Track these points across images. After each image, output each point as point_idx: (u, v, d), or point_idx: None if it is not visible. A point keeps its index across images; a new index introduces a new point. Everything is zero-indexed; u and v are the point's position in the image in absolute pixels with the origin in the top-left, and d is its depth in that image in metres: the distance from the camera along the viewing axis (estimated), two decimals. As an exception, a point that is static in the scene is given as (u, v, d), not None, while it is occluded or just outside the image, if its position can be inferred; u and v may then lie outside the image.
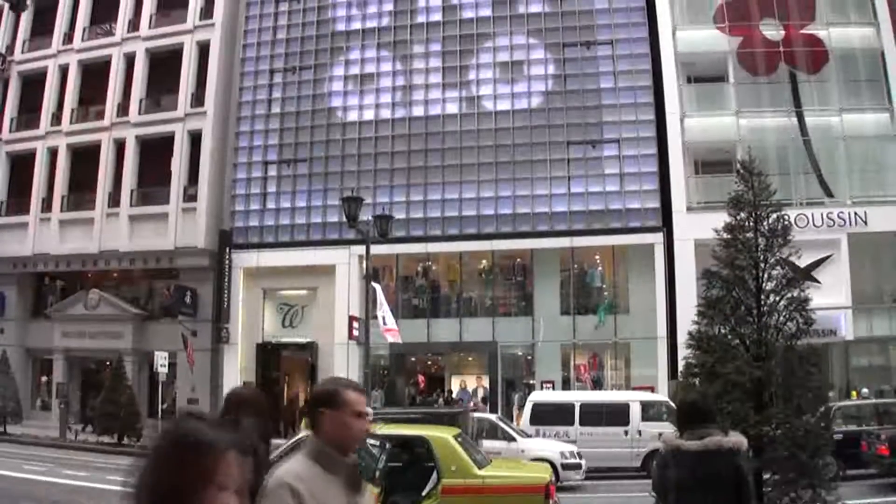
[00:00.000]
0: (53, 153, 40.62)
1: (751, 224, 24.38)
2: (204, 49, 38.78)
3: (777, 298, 23.43)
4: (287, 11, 38.93)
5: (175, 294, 36.82)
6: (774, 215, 24.11)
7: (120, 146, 39.27)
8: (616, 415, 24.82)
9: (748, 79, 33.95)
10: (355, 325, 33.48)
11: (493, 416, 25.30)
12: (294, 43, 38.48)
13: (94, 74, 40.72)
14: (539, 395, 28.11)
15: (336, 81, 37.52)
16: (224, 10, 39.07)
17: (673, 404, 22.50)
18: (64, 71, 41.36)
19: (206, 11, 39.25)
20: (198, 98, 38.42)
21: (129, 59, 40.02)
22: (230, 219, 37.42)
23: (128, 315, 38.09)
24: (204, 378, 35.75)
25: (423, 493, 11.82)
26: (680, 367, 25.89)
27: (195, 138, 38.01)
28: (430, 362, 37.10)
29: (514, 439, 22.78)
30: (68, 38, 41.77)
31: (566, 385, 32.91)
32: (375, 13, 37.81)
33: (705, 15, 34.79)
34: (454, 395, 33.65)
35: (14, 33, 43.06)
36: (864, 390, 28.25)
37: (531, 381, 33.80)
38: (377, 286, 30.16)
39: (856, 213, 31.40)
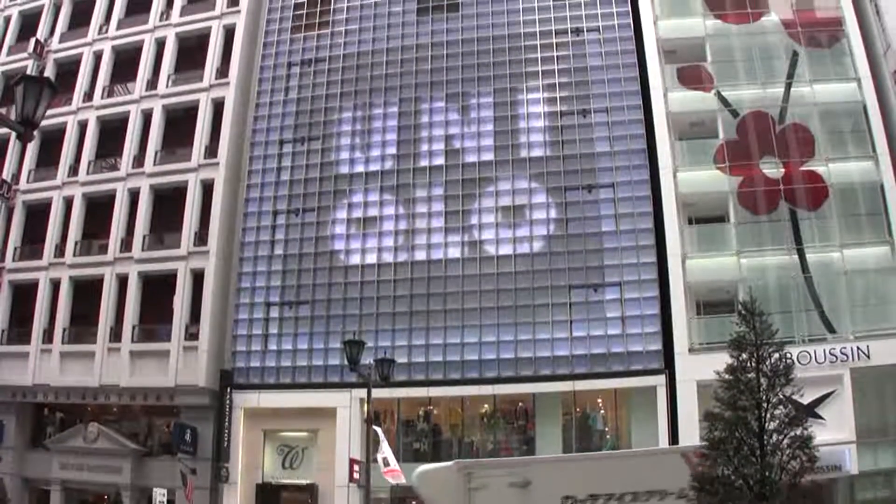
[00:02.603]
0: (56, 285, 40.58)
1: (753, 364, 24.39)
2: (208, 188, 39.22)
3: (780, 437, 23.36)
4: (290, 153, 39.55)
5: (175, 431, 36.44)
6: (776, 355, 24.13)
7: (122, 281, 39.31)
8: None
9: (749, 218, 34.17)
10: (356, 467, 33.38)
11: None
12: (297, 185, 38.96)
13: (99, 208, 41.06)
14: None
15: (339, 224, 37.86)
16: (228, 150, 39.69)
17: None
18: (68, 203, 41.66)
19: (211, 151, 39.85)
20: (201, 237, 38.66)
21: (134, 195, 40.44)
22: (231, 359, 37.28)
23: (127, 450, 37.60)
24: (203, 517, 35.34)
25: None
26: (685, 512, 25.75)
27: (198, 277, 38.12)
28: (431, 507, 36.60)
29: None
30: (73, 170, 42.25)
31: (569, 529, 32.46)
32: (378, 157, 38.41)
33: (706, 156, 35.18)
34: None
35: (20, 162, 43.47)
36: None
37: (534, 525, 33.35)
38: (378, 429, 30.05)
39: (858, 348, 31.20)
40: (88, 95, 43.51)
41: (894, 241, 32.60)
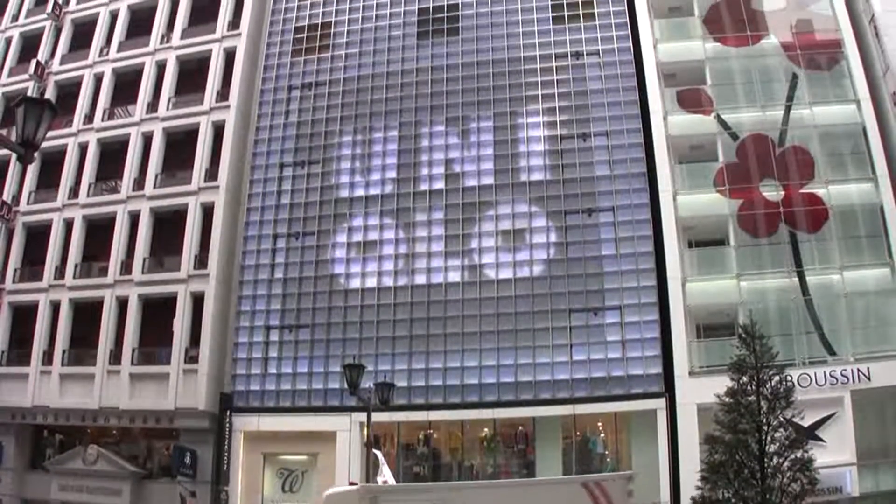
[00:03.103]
0: (56, 306, 40.62)
1: (753, 387, 24.48)
2: (208, 211, 39.32)
3: (780, 460, 23.47)
4: (291, 176, 39.68)
5: (175, 454, 36.41)
6: (777, 377, 24.19)
7: (122, 304, 39.35)
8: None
9: (749, 241, 34.15)
10: (356, 491, 33.20)
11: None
12: (297, 208, 39.05)
13: (99, 230, 41.14)
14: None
15: (339, 248, 37.94)
16: (228, 174, 39.81)
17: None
18: (69, 225, 41.77)
19: (211, 174, 39.96)
20: (201, 260, 38.71)
21: (134, 218, 40.55)
22: (231, 382, 37.24)
23: (126, 472, 37.55)
24: (202, 540, 35.24)
25: None
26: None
27: (198, 300, 38.13)
28: (431, 531, 36.48)
29: None
30: (74, 192, 42.38)
31: (569, 555, 32.31)
32: (378, 180, 38.53)
33: (705, 179, 35.21)
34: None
35: (20, 184, 43.59)
36: None
37: (534, 550, 33.22)
38: (378, 453, 30.00)
39: (859, 370, 31.16)
40: (89, 118, 43.71)
41: (894, 263, 32.59)
